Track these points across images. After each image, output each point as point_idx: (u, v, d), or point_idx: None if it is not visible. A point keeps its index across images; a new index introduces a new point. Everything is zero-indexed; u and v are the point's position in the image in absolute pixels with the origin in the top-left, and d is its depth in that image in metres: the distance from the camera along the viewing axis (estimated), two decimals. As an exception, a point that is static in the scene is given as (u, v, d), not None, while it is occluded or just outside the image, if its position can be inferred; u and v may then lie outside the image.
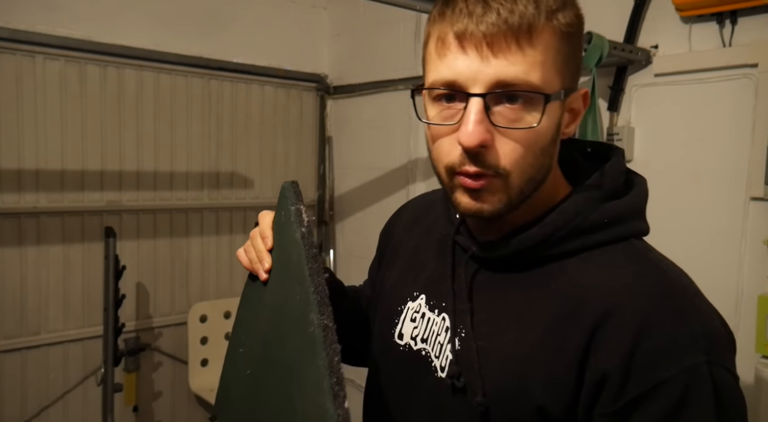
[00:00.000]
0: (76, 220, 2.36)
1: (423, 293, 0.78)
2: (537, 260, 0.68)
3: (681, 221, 1.83)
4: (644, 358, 0.59)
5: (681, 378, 0.59)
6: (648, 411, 0.59)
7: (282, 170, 2.92)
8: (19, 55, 2.19)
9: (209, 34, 2.62)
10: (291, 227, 0.71)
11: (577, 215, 0.67)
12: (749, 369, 1.65)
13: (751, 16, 1.67)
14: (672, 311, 0.62)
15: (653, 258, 0.68)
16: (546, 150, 0.64)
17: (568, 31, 0.62)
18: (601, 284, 0.64)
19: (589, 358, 0.61)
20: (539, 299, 0.66)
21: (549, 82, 0.61)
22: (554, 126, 0.64)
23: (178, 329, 2.63)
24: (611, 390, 0.60)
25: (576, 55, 0.65)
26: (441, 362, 0.72)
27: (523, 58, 0.59)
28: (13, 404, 2.26)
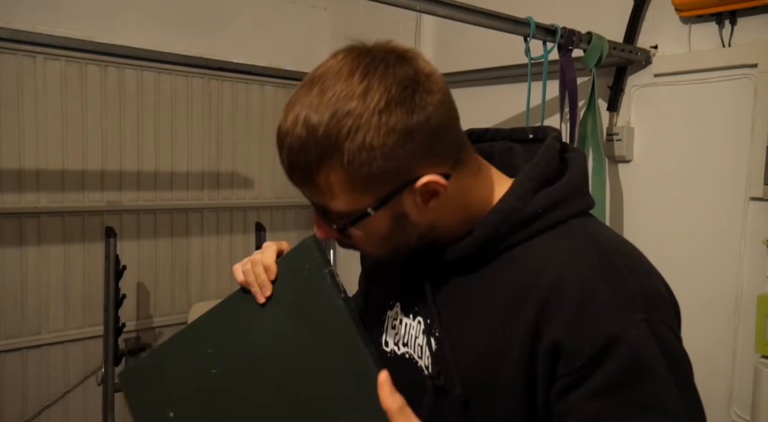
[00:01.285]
0: (76, 220, 2.36)
1: (398, 300, 0.83)
2: (483, 257, 0.73)
3: (680, 221, 1.83)
4: (589, 321, 0.64)
5: (627, 335, 0.63)
6: (605, 368, 0.63)
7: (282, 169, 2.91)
8: (19, 56, 2.19)
9: (209, 34, 2.62)
10: (322, 290, 0.73)
11: (512, 212, 0.71)
12: (749, 369, 1.65)
13: (750, 17, 1.67)
14: (607, 274, 0.67)
15: (589, 232, 0.72)
16: (395, 234, 0.71)
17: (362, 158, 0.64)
18: (542, 265, 0.69)
19: (541, 333, 0.66)
20: (493, 289, 0.72)
21: (353, 204, 0.67)
22: (384, 225, 0.69)
23: (178, 329, 2.61)
24: (565, 357, 0.64)
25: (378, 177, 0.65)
26: (424, 362, 0.77)
27: (317, 193, 0.68)
28: (13, 403, 2.26)
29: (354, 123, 0.63)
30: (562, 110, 1.78)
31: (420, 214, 0.70)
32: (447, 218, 0.73)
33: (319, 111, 0.64)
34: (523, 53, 1.69)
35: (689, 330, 1.96)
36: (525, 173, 0.73)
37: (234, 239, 2.79)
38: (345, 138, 0.63)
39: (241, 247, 2.80)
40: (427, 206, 0.70)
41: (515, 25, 1.60)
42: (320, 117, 0.63)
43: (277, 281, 0.77)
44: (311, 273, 0.74)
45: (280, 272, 0.77)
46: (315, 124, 0.64)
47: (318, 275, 0.73)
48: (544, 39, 1.67)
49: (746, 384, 1.66)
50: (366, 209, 0.67)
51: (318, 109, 0.64)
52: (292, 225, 2.99)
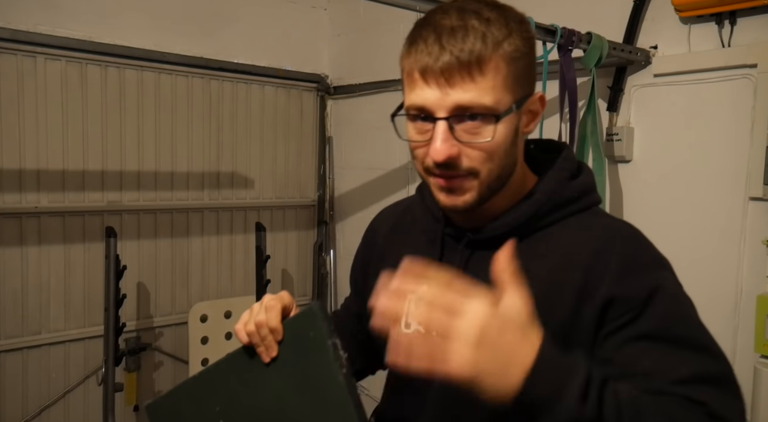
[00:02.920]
0: (77, 220, 2.36)
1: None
2: (523, 234, 0.82)
3: (680, 221, 1.83)
4: (635, 275, 0.76)
5: (665, 284, 0.77)
6: (653, 310, 0.74)
7: (282, 170, 2.92)
8: (20, 56, 2.19)
9: (210, 34, 2.63)
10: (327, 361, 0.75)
11: (554, 193, 0.83)
12: (748, 369, 1.65)
13: (750, 17, 1.68)
14: (640, 243, 0.82)
15: (608, 216, 0.89)
16: (507, 152, 0.78)
17: (515, 55, 0.75)
18: (582, 238, 0.81)
19: (590, 293, 0.76)
20: (533, 261, 0.79)
21: (500, 102, 0.74)
22: (511, 133, 0.78)
23: (178, 329, 2.63)
24: (618, 305, 0.74)
25: (527, 70, 0.78)
26: None
27: (475, 86, 0.73)
28: (14, 403, 2.27)
29: (514, 25, 0.75)
30: (562, 110, 1.79)
31: (520, 139, 0.81)
32: (516, 172, 0.83)
33: (488, 12, 0.75)
34: (523, 53, 1.69)
35: (689, 330, 1.93)
36: (558, 167, 0.85)
37: (234, 239, 2.79)
38: (509, 35, 0.74)
39: (241, 247, 2.80)
40: (528, 128, 0.81)
41: (515, 26, 1.60)
42: (491, 15, 0.74)
43: (282, 342, 0.80)
44: (315, 342, 0.76)
45: (285, 333, 0.80)
46: (490, 18, 0.74)
47: (322, 346, 0.75)
48: (544, 39, 1.67)
49: (746, 384, 1.66)
50: (510, 105, 0.75)
51: (481, 13, 0.74)
52: (292, 225, 3.00)
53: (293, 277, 3.02)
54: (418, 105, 0.76)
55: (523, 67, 0.77)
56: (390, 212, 1.06)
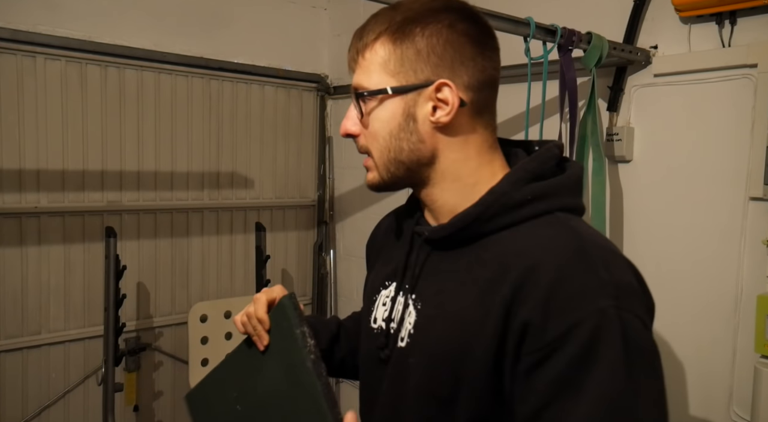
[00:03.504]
0: (76, 220, 2.36)
1: (393, 280, 0.89)
2: (475, 236, 0.80)
3: (680, 221, 1.83)
4: (559, 304, 0.68)
5: (591, 319, 0.66)
6: (565, 351, 0.66)
7: (282, 170, 2.92)
8: (19, 56, 2.19)
9: (210, 34, 2.63)
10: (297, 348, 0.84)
11: (503, 195, 0.78)
12: (748, 369, 1.65)
13: (750, 17, 1.67)
14: (582, 263, 0.71)
15: (572, 225, 0.77)
16: (393, 135, 0.80)
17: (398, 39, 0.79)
18: (523, 248, 0.74)
19: (512, 312, 0.71)
20: (476, 267, 0.77)
21: (375, 83, 0.79)
22: (398, 116, 0.79)
23: (178, 329, 2.63)
24: (533, 336, 0.69)
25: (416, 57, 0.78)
26: (402, 333, 0.83)
27: (360, 70, 0.81)
28: (14, 403, 2.27)
29: (413, 14, 0.79)
30: (562, 110, 1.78)
31: (428, 130, 0.79)
32: (448, 165, 0.81)
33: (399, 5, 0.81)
34: (523, 53, 1.69)
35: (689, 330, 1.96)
36: (521, 165, 0.81)
37: (234, 239, 2.79)
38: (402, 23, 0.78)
39: (241, 247, 2.80)
40: (437, 117, 0.79)
41: (515, 25, 1.60)
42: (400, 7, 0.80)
43: (270, 331, 0.90)
44: (288, 331, 0.86)
45: (272, 323, 0.90)
46: (385, 9, 0.81)
47: (292, 334, 0.85)
48: (544, 39, 1.67)
49: (746, 384, 1.66)
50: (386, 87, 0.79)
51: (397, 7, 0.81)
52: (292, 225, 3.00)
53: (293, 277, 3.02)
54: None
55: (412, 53, 0.78)
56: (393, 212, 1.08)
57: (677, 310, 1.81)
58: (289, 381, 0.84)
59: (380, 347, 0.85)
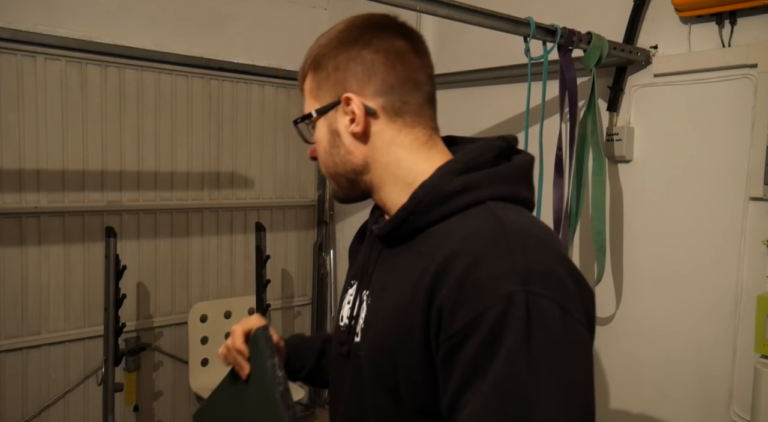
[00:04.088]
0: (76, 220, 2.36)
1: (356, 278, 0.92)
2: (414, 230, 0.81)
3: (680, 221, 1.83)
4: (469, 290, 0.68)
5: (498, 305, 0.66)
6: (474, 338, 0.66)
7: (282, 170, 2.92)
8: (20, 56, 2.20)
9: (209, 34, 2.63)
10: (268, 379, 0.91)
11: (433, 187, 0.79)
12: (749, 369, 1.65)
13: (750, 17, 1.67)
14: (497, 249, 0.70)
15: (498, 213, 0.75)
16: (327, 151, 0.87)
17: (313, 68, 0.87)
18: (447, 238, 0.75)
19: (432, 300, 0.71)
20: (412, 260, 0.79)
21: (308, 108, 0.87)
22: (326, 134, 0.86)
23: (178, 329, 2.63)
24: (446, 322, 0.69)
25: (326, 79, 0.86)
26: (357, 328, 0.86)
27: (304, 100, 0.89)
28: (14, 403, 2.27)
29: (325, 41, 0.87)
30: (562, 110, 1.78)
31: (351, 141, 0.85)
32: (383, 169, 0.85)
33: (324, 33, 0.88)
34: (523, 53, 1.69)
35: (689, 330, 1.96)
36: (454, 158, 0.83)
37: (234, 239, 2.79)
38: (316, 49, 0.87)
39: (241, 247, 2.80)
40: (354, 131, 0.83)
41: (515, 25, 1.60)
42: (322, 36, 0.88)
43: (250, 360, 0.96)
44: (262, 362, 0.93)
45: (250, 353, 0.96)
46: (319, 38, 0.88)
47: (264, 365, 0.92)
48: (544, 39, 1.67)
49: (746, 384, 1.66)
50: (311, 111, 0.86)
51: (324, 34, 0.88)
52: (292, 225, 3.00)
53: (293, 277, 3.02)
54: None
55: (324, 76, 0.86)
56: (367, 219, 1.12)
57: (677, 310, 1.81)
58: (264, 409, 0.92)
59: (342, 342, 0.89)
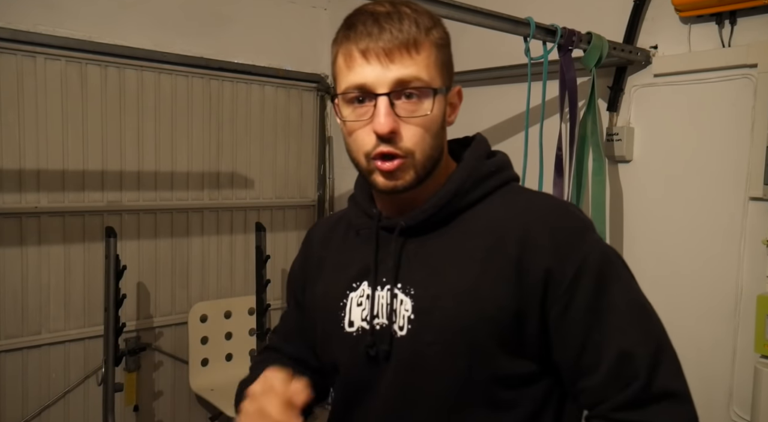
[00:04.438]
0: (77, 220, 2.36)
1: (363, 280, 0.89)
2: (451, 215, 0.85)
3: (680, 221, 1.83)
4: (565, 246, 0.80)
5: (592, 252, 0.81)
6: (584, 282, 0.79)
7: (282, 170, 2.92)
8: (20, 56, 2.19)
9: (210, 34, 2.63)
10: None
11: (473, 169, 0.87)
12: (748, 369, 1.65)
13: (750, 17, 1.67)
14: (561, 210, 0.85)
15: (532, 191, 0.92)
16: (438, 133, 0.83)
17: (441, 43, 0.83)
18: (510, 214, 0.84)
19: (527, 267, 0.79)
20: (466, 240, 0.84)
21: (434, 80, 0.81)
22: (442, 114, 0.83)
23: (178, 329, 2.63)
24: (555, 279, 0.79)
25: (449, 61, 0.85)
26: (399, 323, 0.84)
27: (413, 63, 0.79)
28: (14, 403, 2.27)
29: (436, 19, 0.84)
30: (562, 110, 1.79)
31: (444, 127, 0.85)
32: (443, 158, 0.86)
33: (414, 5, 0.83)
34: (523, 53, 1.69)
35: (689, 330, 1.96)
36: (473, 148, 0.90)
37: (234, 239, 2.79)
38: (435, 24, 0.83)
39: (241, 247, 2.80)
40: (450, 118, 0.86)
41: (515, 25, 1.60)
42: (418, 7, 0.83)
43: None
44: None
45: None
46: (418, 9, 0.82)
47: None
48: (544, 39, 1.67)
49: (746, 384, 1.66)
50: (440, 85, 0.81)
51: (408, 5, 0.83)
52: (292, 225, 3.00)
53: (293, 277, 3.01)
54: (358, 83, 0.79)
55: (447, 56, 0.84)
56: (323, 223, 1.08)
57: (677, 310, 1.81)
58: None
59: (368, 345, 0.84)
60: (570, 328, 0.79)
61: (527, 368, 0.81)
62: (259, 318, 2.49)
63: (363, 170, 0.84)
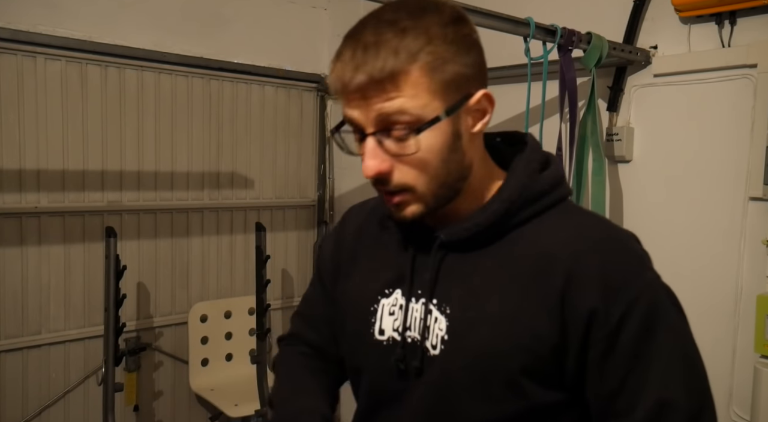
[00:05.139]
0: (77, 220, 2.36)
1: (397, 287, 0.85)
2: (497, 233, 0.80)
3: (680, 221, 1.83)
4: (615, 285, 0.74)
5: (645, 294, 0.75)
6: (630, 326, 0.74)
7: (282, 170, 2.92)
8: (20, 56, 2.19)
9: (210, 34, 2.63)
10: None
11: (525, 188, 0.80)
12: (748, 369, 1.65)
13: (750, 17, 1.68)
14: (616, 243, 0.79)
15: (584, 211, 0.86)
16: (444, 160, 0.74)
17: (436, 63, 0.71)
18: (561, 239, 0.78)
19: (570, 301, 0.74)
20: (510, 263, 0.78)
21: (429, 107, 0.71)
22: (447, 140, 0.74)
23: (178, 329, 2.63)
24: (599, 321, 0.74)
25: (454, 77, 0.73)
26: (432, 341, 0.80)
27: (395, 99, 0.70)
28: (14, 403, 2.27)
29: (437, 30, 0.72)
30: (562, 110, 1.79)
31: (466, 142, 0.76)
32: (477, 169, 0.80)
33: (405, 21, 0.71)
34: (523, 53, 1.69)
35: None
36: (526, 159, 0.82)
37: (234, 239, 2.79)
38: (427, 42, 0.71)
39: (241, 247, 2.80)
40: (475, 130, 0.77)
41: (515, 25, 1.60)
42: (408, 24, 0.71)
43: None
44: None
45: None
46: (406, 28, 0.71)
47: None
48: (544, 39, 1.67)
49: (746, 384, 1.66)
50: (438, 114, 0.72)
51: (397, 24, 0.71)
52: (292, 225, 3.00)
53: (293, 277, 3.02)
54: (348, 119, 0.75)
55: (453, 71, 0.73)
56: (359, 209, 1.01)
57: (677, 310, 1.81)
58: None
59: (399, 359, 0.81)
60: (610, 369, 0.75)
61: (559, 398, 0.78)
62: (259, 318, 2.49)
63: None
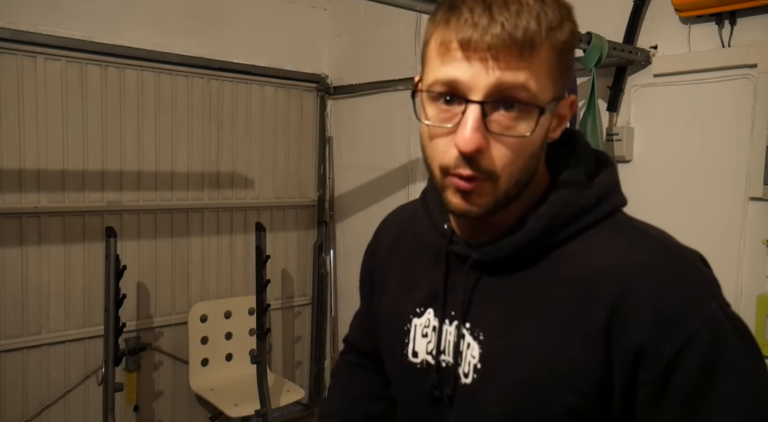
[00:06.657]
0: (77, 220, 2.36)
1: (429, 307, 0.79)
2: (535, 253, 0.71)
3: (680, 221, 1.83)
4: (669, 320, 0.63)
5: (705, 329, 0.63)
6: (687, 366, 0.63)
7: (282, 170, 2.92)
8: (20, 56, 2.19)
9: (210, 34, 2.63)
10: None
11: (567, 203, 0.70)
12: (748, 369, 1.65)
13: (750, 17, 1.68)
14: (674, 270, 0.67)
15: (638, 227, 0.74)
16: (534, 154, 0.67)
17: (564, 47, 0.65)
18: (606, 262, 0.68)
19: (615, 336, 0.65)
20: (549, 287, 0.69)
21: (544, 92, 0.64)
22: (544, 133, 0.67)
23: (178, 329, 2.63)
24: (649, 359, 0.63)
25: (568, 67, 0.68)
26: (464, 368, 0.74)
27: (521, 70, 0.62)
28: (14, 403, 2.27)
29: (565, 12, 0.65)
30: (562, 110, 1.78)
31: (543, 144, 0.69)
32: (536, 178, 0.71)
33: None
34: (523, 53, 1.69)
35: (689, 330, 1.93)
36: (575, 162, 0.73)
37: (234, 239, 2.79)
38: (561, 22, 0.64)
39: (241, 247, 2.80)
40: (554, 133, 0.70)
41: (515, 26, 1.60)
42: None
43: None
44: None
45: None
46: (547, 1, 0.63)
47: None
48: (544, 39, 1.67)
49: (746, 384, 1.66)
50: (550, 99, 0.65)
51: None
52: (292, 225, 3.00)
53: (293, 277, 3.02)
54: (450, 79, 0.63)
55: (567, 61, 0.67)
56: (394, 220, 0.96)
57: (677, 310, 1.82)
58: None
59: (434, 385, 0.76)
60: (660, 416, 0.65)
61: None
62: (259, 318, 2.49)
63: (437, 182, 0.69)
